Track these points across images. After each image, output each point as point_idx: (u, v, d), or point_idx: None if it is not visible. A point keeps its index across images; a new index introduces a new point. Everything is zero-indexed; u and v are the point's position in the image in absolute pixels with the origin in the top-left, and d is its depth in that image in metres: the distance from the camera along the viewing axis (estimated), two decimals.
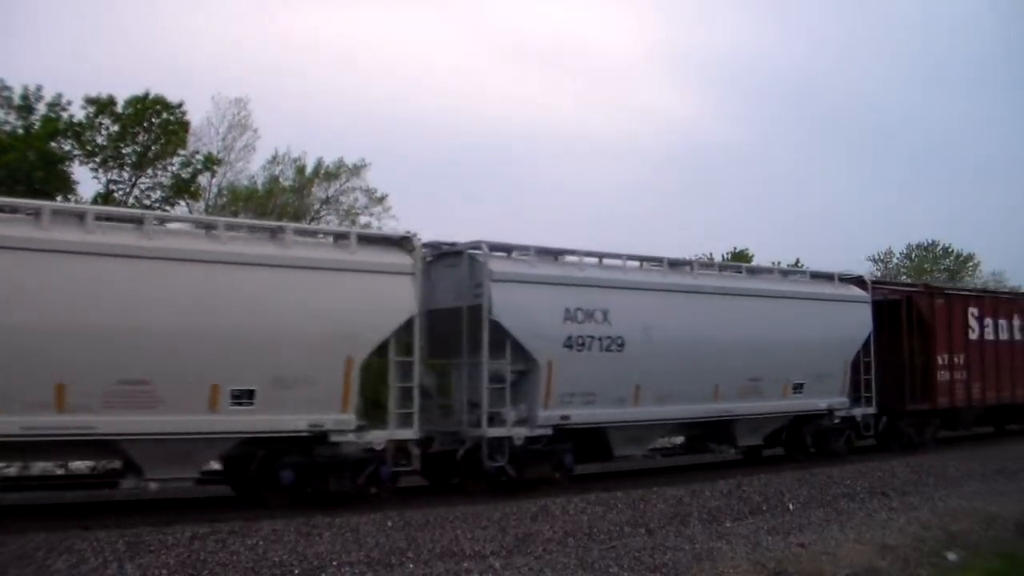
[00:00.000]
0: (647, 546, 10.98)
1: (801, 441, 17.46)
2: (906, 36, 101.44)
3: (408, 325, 12.39)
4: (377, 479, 12.27)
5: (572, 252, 14.56)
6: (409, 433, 12.44)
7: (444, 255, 14.05)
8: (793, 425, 17.14)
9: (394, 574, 9.54)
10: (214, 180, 33.85)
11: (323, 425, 11.63)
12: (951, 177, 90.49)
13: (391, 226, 35.96)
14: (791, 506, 13.61)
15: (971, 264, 54.13)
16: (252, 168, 36.11)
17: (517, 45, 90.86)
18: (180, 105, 29.68)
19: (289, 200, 35.56)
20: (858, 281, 18.99)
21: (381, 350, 12.32)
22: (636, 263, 15.50)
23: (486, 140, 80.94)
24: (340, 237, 12.82)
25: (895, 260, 54.79)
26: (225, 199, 34.10)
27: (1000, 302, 22.37)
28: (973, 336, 20.65)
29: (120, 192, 29.18)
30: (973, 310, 20.84)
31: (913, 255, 54.76)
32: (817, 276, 18.28)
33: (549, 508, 11.97)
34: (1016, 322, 22.09)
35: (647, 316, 14.36)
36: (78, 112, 28.08)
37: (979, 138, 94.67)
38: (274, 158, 36.47)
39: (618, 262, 14.90)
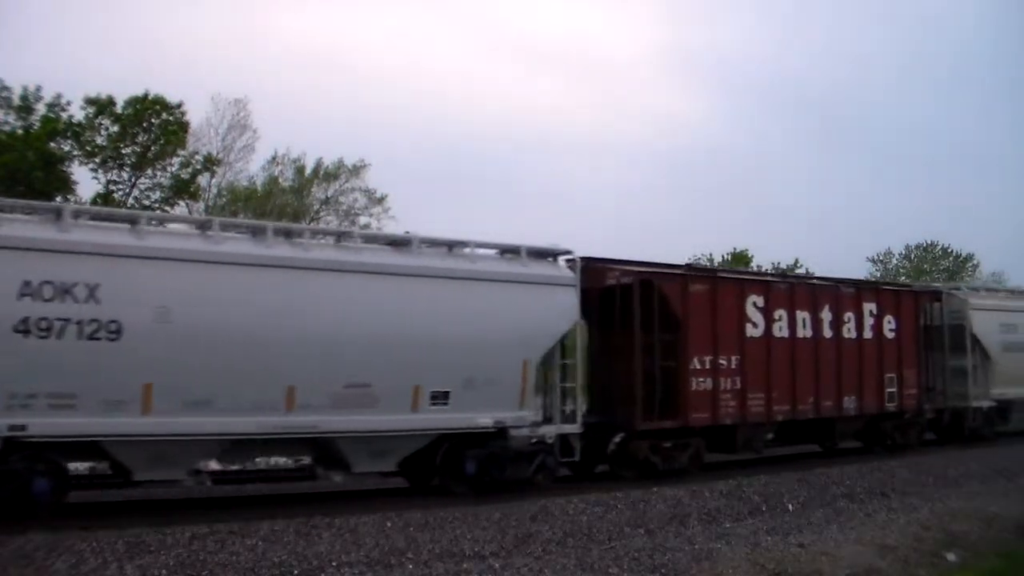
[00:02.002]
0: (647, 547, 10.98)
1: (460, 468, 13.00)
2: (907, 37, 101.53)
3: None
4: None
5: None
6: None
7: None
8: (454, 447, 12.99)
9: (393, 574, 9.53)
10: (213, 180, 33.90)
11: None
12: (951, 177, 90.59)
13: (391, 226, 36.06)
14: (790, 507, 13.61)
15: (971, 264, 54.14)
16: (252, 168, 36.18)
17: (517, 45, 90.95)
18: (180, 105, 29.74)
19: (288, 200, 35.60)
20: (561, 255, 14.47)
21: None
22: (186, 225, 13.18)
23: (486, 140, 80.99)
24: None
25: (895, 261, 54.85)
26: (224, 199, 34.12)
27: (799, 290, 17.43)
28: (755, 332, 16.18)
29: (120, 192, 29.20)
30: (755, 299, 16.30)
31: (912, 256, 54.78)
32: (494, 248, 14.16)
33: (549, 508, 11.97)
34: (825, 315, 17.48)
35: (166, 295, 10.86)
36: (78, 112, 28.14)
37: (979, 138, 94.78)
38: (274, 158, 36.58)
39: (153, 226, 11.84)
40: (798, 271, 38.84)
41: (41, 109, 27.52)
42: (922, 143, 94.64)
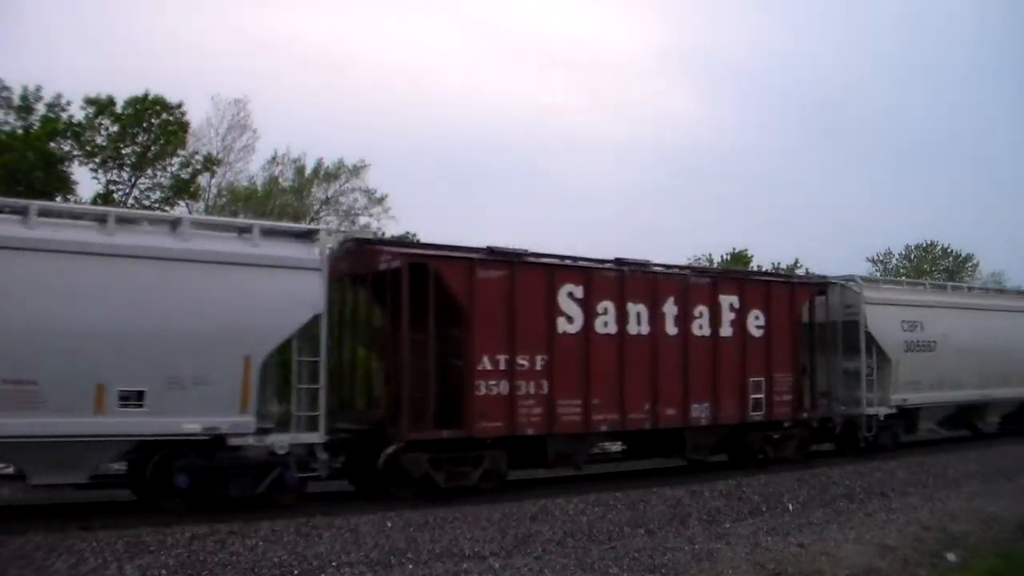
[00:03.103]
0: (647, 547, 10.99)
1: (165, 480, 11.19)
2: (908, 37, 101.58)
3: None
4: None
5: None
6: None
7: None
8: (167, 458, 11.23)
9: (393, 574, 9.54)
10: (213, 180, 33.87)
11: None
12: (951, 177, 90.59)
13: (391, 227, 36.07)
14: (790, 507, 13.61)
15: (970, 264, 54.14)
16: (252, 168, 36.15)
17: (518, 45, 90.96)
18: (179, 105, 29.72)
19: (289, 201, 35.59)
20: (308, 234, 12.62)
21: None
22: None
23: (486, 140, 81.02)
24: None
25: (894, 260, 54.84)
26: (225, 199, 34.11)
27: (632, 279, 14.80)
28: (570, 328, 13.85)
29: (119, 193, 29.19)
30: (570, 289, 13.92)
31: (912, 255, 54.77)
32: (226, 228, 12.44)
33: (549, 508, 11.99)
34: (668, 309, 15.07)
35: None
36: (78, 112, 28.11)
37: (979, 139, 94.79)
38: (274, 158, 36.54)
39: None
40: (798, 271, 38.77)
41: (41, 109, 27.49)
42: (923, 143, 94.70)
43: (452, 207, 65.24)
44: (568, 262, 14.40)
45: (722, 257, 45.63)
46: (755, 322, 16.31)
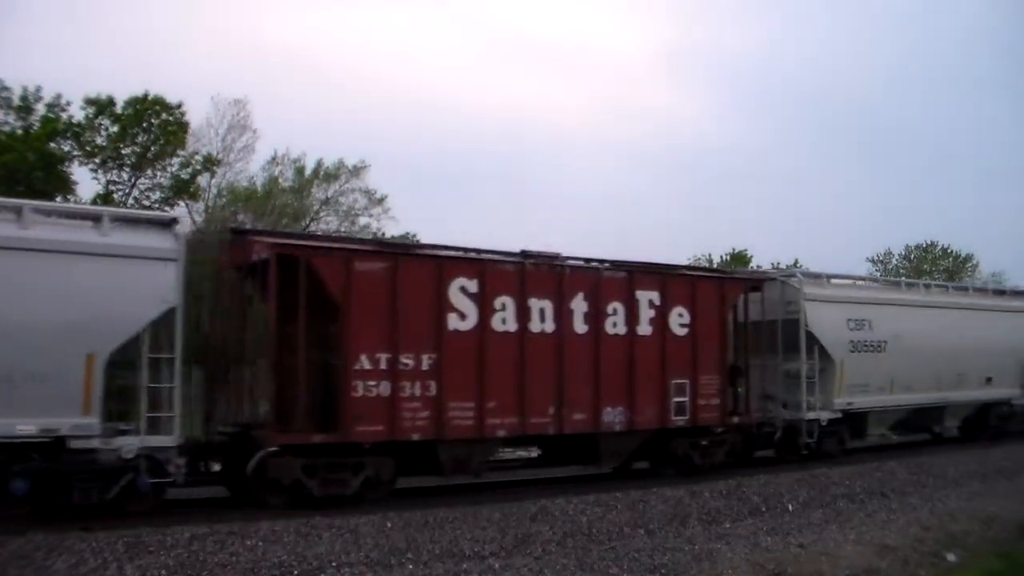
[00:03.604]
0: (646, 547, 11.00)
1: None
2: (909, 38, 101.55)
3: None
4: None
5: None
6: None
7: None
8: (5, 460, 10.37)
9: (393, 575, 9.54)
10: (213, 181, 33.84)
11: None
12: (951, 177, 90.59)
13: (391, 227, 36.10)
14: (790, 507, 13.62)
15: (971, 264, 54.15)
16: (252, 169, 36.12)
17: (518, 46, 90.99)
18: (179, 106, 29.71)
19: (289, 201, 35.59)
20: (167, 223, 11.85)
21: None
22: None
23: (487, 140, 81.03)
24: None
25: (894, 261, 54.86)
26: (224, 200, 34.11)
27: (535, 273, 13.71)
28: (462, 325, 12.88)
29: (119, 193, 29.20)
30: (463, 283, 12.97)
31: (912, 256, 54.78)
32: (63, 213, 11.72)
33: (548, 509, 11.99)
34: (577, 305, 13.99)
35: None
36: (77, 113, 28.11)
37: (979, 139, 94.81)
38: (273, 159, 36.51)
39: None
40: (798, 271, 38.70)
41: (41, 109, 27.49)
42: (923, 143, 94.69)
43: (452, 207, 65.27)
44: (462, 254, 13.51)
45: (722, 257, 45.64)
46: (679, 320, 15.14)
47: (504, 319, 13.28)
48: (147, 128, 29.16)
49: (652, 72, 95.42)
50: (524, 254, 14.08)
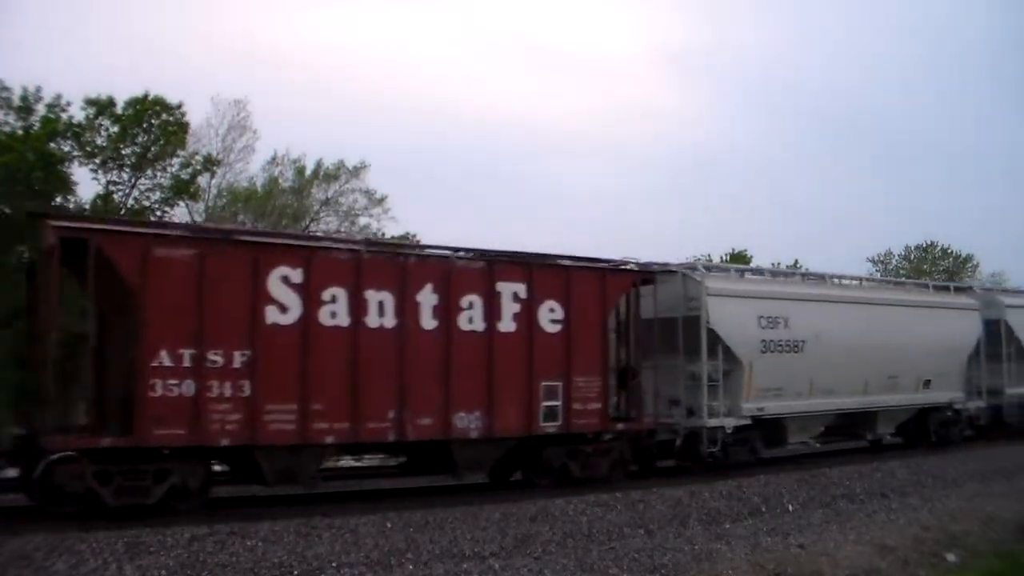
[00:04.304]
0: (646, 547, 10.99)
1: None
2: (909, 38, 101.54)
3: None
4: None
5: None
6: None
7: None
8: None
9: (393, 575, 9.54)
10: (213, 181, 33.87)
11: None
12: (951, 177, 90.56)
13: (391, 227, 36.08)
14: (790, 507, 13.61)
15: (970, 264, 54.14)
16: (252, 169, 36.16)
17: (518, 46, 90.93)
18: (179, 106, 29.73)
19: (289, 201, 35.60)
20: None
21: None
22: None
23: (487, 140, 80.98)
24: None
25: (894, 261, 54.84)
26: (225, 200, 34.13)
27: (372, 261, 12.59)
28: (283, 319, 11.73)
29: (120, 193, 29.22)
30: (285, 272, 11.78)
31: (912, 256, 54.77)
32: None
33: (548, 509, 12.00)
34: (425, 297, 12.73)
35: None
36: (78, 113, 28.12)
37: (980, 138, 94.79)
38: (273, 159, 36.54)
39: None
40: (798, 271, 38.69)
41: (41, 109, 27.48)
42: (923, 143, 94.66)
43: (452, 207, 65.23)
44: (282, 240, 12.50)
45: (721, 257, 45.61)
46: (549, 316, 13.76)
47: (334, 312, 12.04)
48: (147, 128, 29.17)
49: (652, 72, 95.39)
50: (368, 242, 13.06)
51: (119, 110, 28.62)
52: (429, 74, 77.27)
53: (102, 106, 28.29)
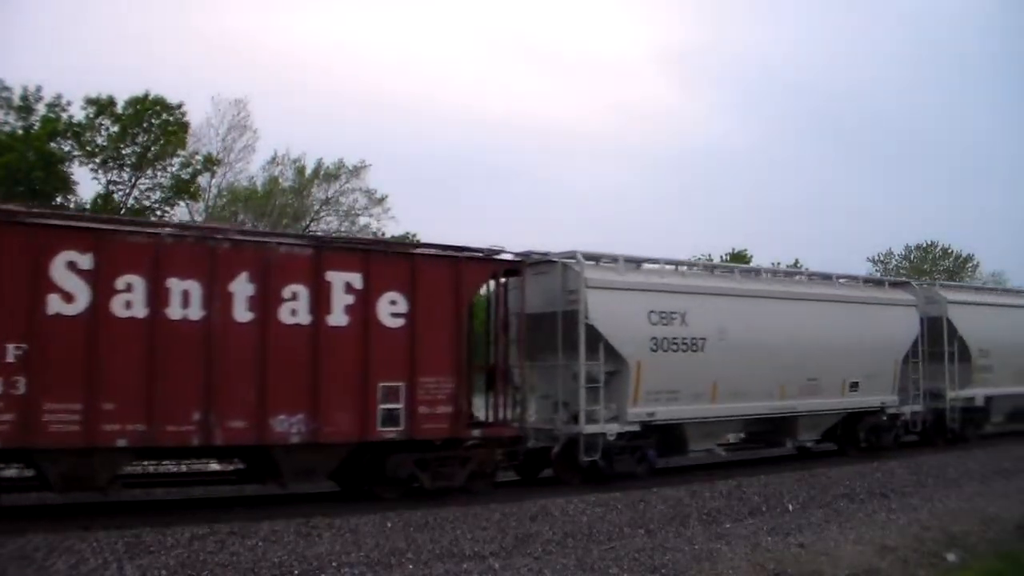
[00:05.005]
0: (647, 547, 10.99)
1: None
2: (910, 38, 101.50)
3: None
4: None
5: None
6: None
7: None
8: None
9: (393, 575, 9.54)
10: (214, 181, 33.92)
11: None
12: (951, 177, 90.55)
13: (391, 227, 36.11)
14: (790, 507, 13.61)
15: (970, 264, 54.19)
16: (252, 169, 36.24)
17: (518, 46, 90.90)
18: (180, 106, 29.83)
19: (289, 201, 35.65)
20: None
21: None
22: None
23: (487, 140, 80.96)
24: None
25: (894, 261, 54.88)
26: (225, 200, 34.17)
27: (172, 248, 11.28)
28: (67, 308, 10.56)
29: (120, 193, 29.26)
30: (71, 257, 10.63)
31: (912, 256, 54.81)
32: None
33: (548, 509, 12.00)
34: (239, 287, 11.51)
35: None
36: (78, 113, 28.19)
37: (980, 139, 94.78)
38: (274, 159, 36.61)
39: None
40: (798, 271, 38.64)
41: (41, 109, 27.58)
42: (923, 143, 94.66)
43: (454, 208, 65.23)
44: (67, 223, 11.27)
45: (721, 257, 45.67)
46: (390, 308, 12.48)
47: (129, 302, 10.87)
48: (147, 128, 29.25)
49: (652, 72, 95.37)
50: (181, 227, 11.92)
51: (119, 110, 28.70)
52: (429, 74, 77.31)
53: (102, 106, 28.35)
